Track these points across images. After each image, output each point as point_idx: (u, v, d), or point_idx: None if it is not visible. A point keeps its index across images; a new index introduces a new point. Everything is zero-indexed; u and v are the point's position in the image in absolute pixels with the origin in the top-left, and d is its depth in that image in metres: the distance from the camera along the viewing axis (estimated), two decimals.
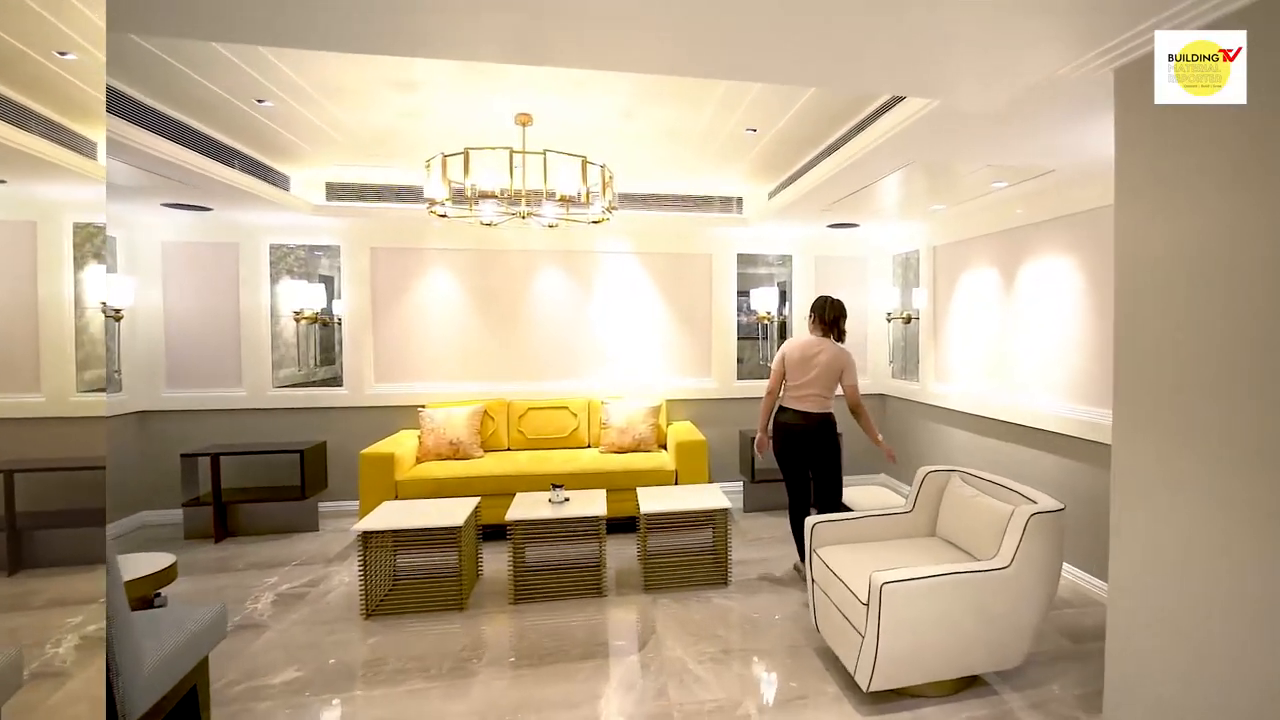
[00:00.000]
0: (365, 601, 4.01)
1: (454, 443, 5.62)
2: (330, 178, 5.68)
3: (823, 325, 4.44)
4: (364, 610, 4.01)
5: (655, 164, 5.18)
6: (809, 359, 4.36)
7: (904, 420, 6.53)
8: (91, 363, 5.51)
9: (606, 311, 6.45)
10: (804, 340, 4.44)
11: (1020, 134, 3.32)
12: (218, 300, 6.00)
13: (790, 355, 4.40)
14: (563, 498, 4.44)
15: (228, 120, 4.23)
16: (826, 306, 4.46)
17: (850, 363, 4.41)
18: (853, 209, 5.25)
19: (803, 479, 4.48)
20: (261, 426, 6.05)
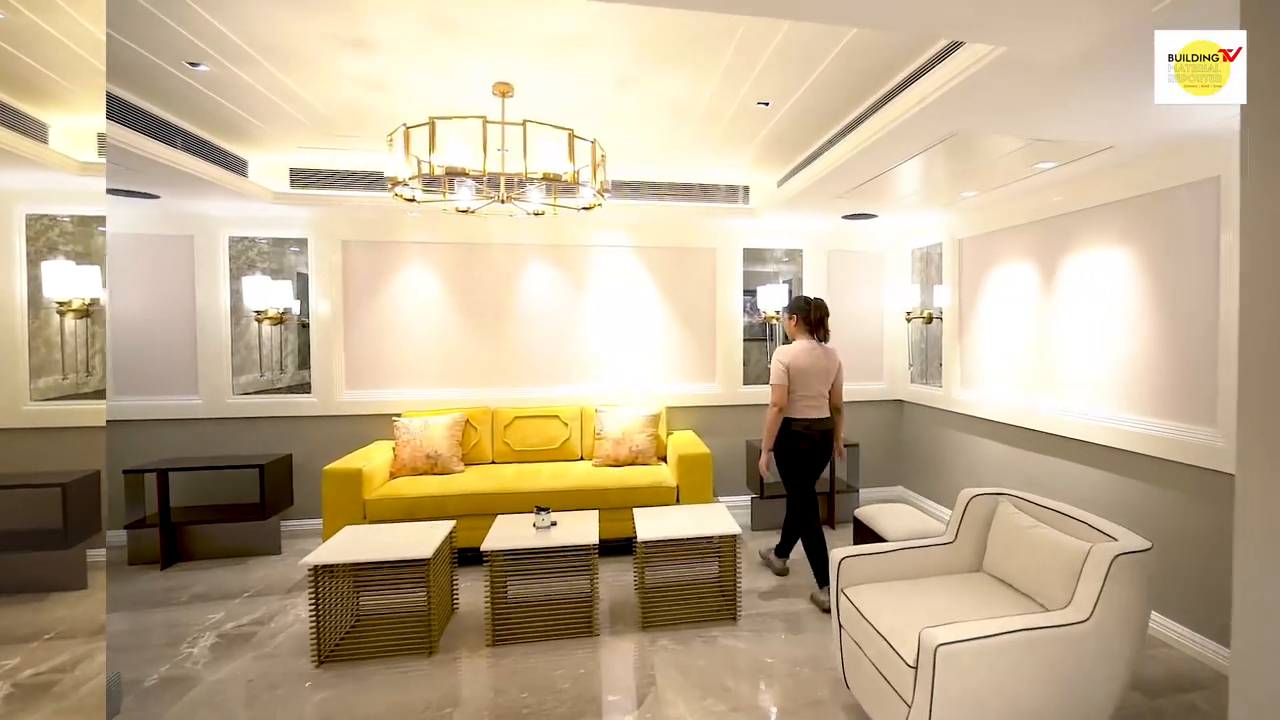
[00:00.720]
0: (317, 647, 3.45)
1: (432, 456, 5.07)
2: (295, 163, 5.14)
3: (808, 326, 4.19)
4: (315, 657, 3.45)
5: (654, 147, 4.63)
6: (819, 366, 4.13)
7: (924, 429, 6.00)
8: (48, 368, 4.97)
9: (601, 311, 5.91)
10: (803, 347, 4.15)
11: (1086, 97, 2.79)
12: (171, 299, 5.44)
13: (798, 364, 4.10)
14: (548, 522, 3.90)
15: (161, 90, 3.69)
16: (812, 307, 4.19)
17: (841, 364, 4.31)
18: (872, 196, 4.71)
19: (813, 492, 4.25)
20: (220, 438, 5.49)
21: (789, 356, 4.10)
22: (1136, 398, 3.83)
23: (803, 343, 4.16)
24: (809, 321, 4.18)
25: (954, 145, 3.51)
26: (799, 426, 4.09)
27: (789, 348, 4.16)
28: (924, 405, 5.99)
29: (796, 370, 4.07)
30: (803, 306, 4.20)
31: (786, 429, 4.10)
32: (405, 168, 3.25)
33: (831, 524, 5.54)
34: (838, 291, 6.22)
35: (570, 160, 3.25)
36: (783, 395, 4.05)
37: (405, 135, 3.23)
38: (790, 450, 4.12)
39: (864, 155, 3.73)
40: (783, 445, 4.13)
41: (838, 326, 6.20)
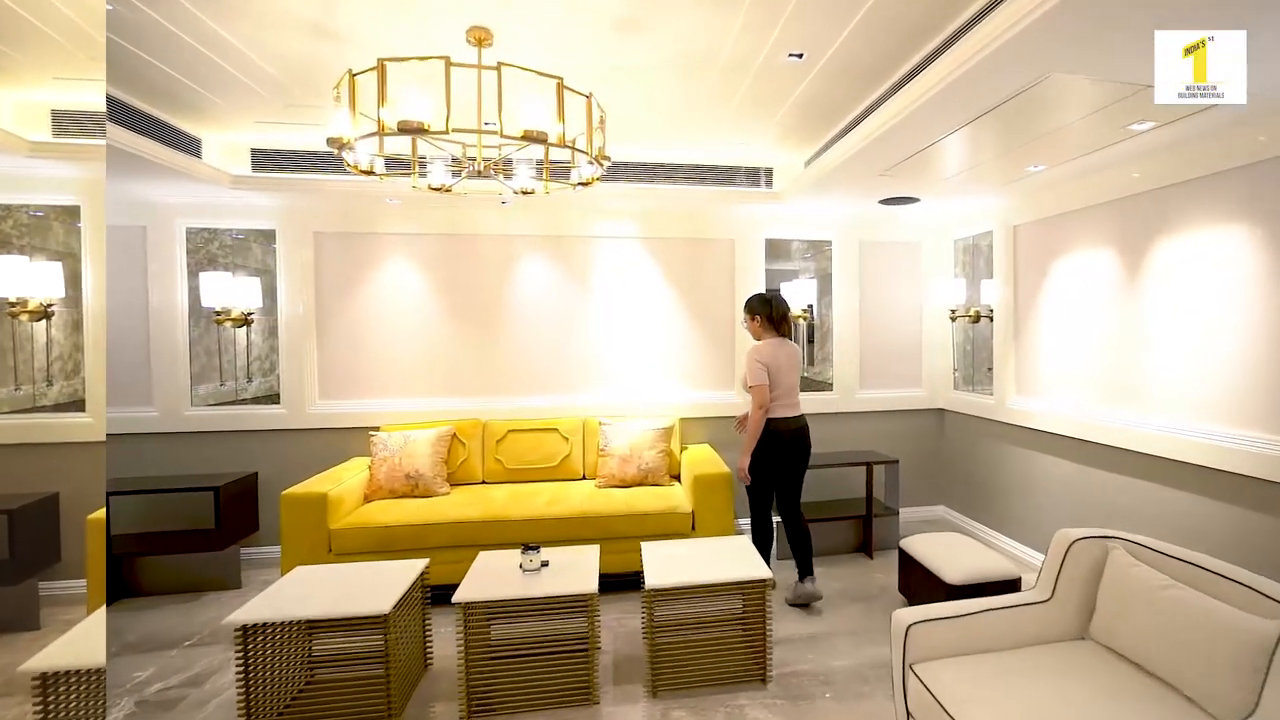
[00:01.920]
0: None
1: (412, 476, 4.39)
2: (256, 143, 4.47)
3: (772, 324, 4.04)
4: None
5: (664, 116, 3.92)
6: (791, 363, 4.01)
7: (970, 442, 5.26)
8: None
9: (606, 310, 5.20)
10: (774, 343, 3.99)
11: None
12: (120, 298, 4.78)
13: (777, 363, 3.95)
14: (538, 563, 3.19)
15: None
16: (773, 304, 4.05)
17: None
18: (918, 173, 3.98)
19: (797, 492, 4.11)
20: (178, 455, 4.82)
21: (766, 355, 3.93)
22: (1252, 410, 3.09)
23: (771, 340, 3.99)
24: (772, 319, 4.03)
25: (1027, 103, 2.79)
26: (779, 425, 3.94)
27: (763, 346, 3.96)
28: (970, 415, 5.25)
29: (775, 369, 3.92)
30: (763, 304, 4.04)
31: (769, 428, 3.93)
32: (349, 125, 2.56)
33: (869, 551, 4.81)
34: (871, 287, 5.49)
35: (559, 119, 2.54)
36: (765, 395, 3.89)
37: (350, 85, 2.53)
38: (770, 449, 3.94)
39: (917, 117, 3.02)
40: (764, 443, 3.94)
41: (871, 326, 5.51)
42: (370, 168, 2.91)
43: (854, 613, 3.89)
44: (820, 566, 4.58)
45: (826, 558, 4.78)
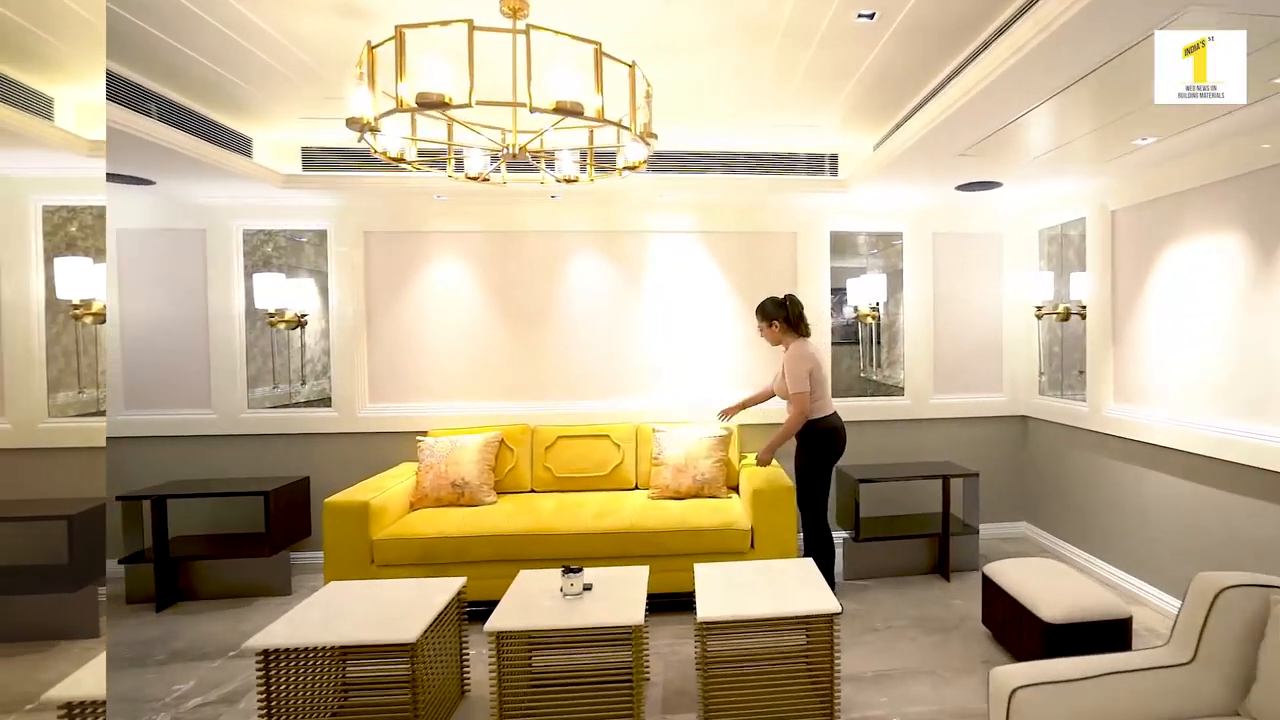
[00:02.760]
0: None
1: (458, 484, 4.07)
2: (306, 141, 4.26)
3: (792, 326, 3.86)
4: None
5: (718, 100, 3.51)
6: (822, 359, 3.96)
7: (1058, 453, 4.63)
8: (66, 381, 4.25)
9: (660, 310, 4.79)
10: (806, 344, 3.84)
11: None
12: (182, 301, 4.64)
13: (819, 363, 3.83)
14: (579, 587, 2.81)
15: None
16: (789, 306, 3.87)
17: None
18: (1001, 153, 3.43)
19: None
20: (234, 457, 4.65)
21: (811, 360, 3.76)
22: None
23: (800, 342, 3.82)
24: (790, 320, 3.84)
25: (1139, 59, 2.26)
26: (834, 422, 3.81)
27: (803, 350, 3.77)
28: (1058, 423, 4.62)
29: (817, 372, 3.77)
30: (778, 307, 3.86)
31: (823, 428, 3.77)
32: (369, 104, 2.23)
33: (945, 573, 4.25)
34: (946, 283, 4.92)
35: (597, 90, 2.15)
36: (808, 404, 3.72)
37: (369, 58, 2.20)
38: (831, 450, 3.79)
39: (1005, 83, 2.52)
40: (822, 445, 3.77)
41: (946, 325, 4.95)
42: (401, 155, 2.60)
43: (931, 647, 3.37)
44: (890, 589, 4.07)
45: (897, 579, 4.25)
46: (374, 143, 2.52)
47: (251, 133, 4.13)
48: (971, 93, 2.65)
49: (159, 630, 3.78)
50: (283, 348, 4.82)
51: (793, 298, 3.88)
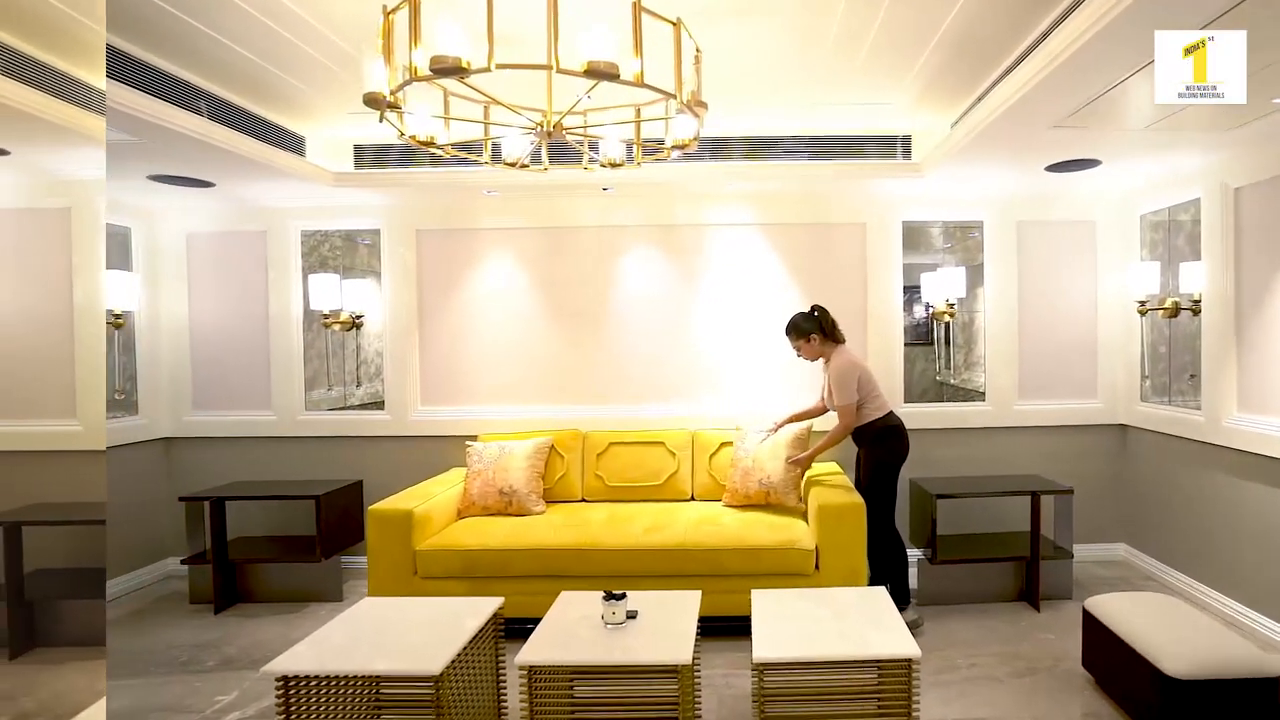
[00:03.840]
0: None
1: (506, 492, 3.77)
2: (358, 138, 4.06)
3: (828, 335, 3.61)
4: None
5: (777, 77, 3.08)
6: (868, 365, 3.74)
7: (1167, 468, 3.98)
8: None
9: (717, 309, 4.37)
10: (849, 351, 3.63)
11: None
12: (245, 302, 4.54)
13: (865, 367, 3.61)
14: (622, 615, 2.44)
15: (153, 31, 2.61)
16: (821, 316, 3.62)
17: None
18: (1102, 124, 2.87)
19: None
20: (293, 459, 4.51)
21: (860, 368, 3.54)
22: None
23: (842, 349, 3.60)
24: (825, 331, 3.59)
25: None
26: (894, 423, 3.54)
27: (847, 358, 3.54)
28: (1165, 434, 3.96)
29: (865, 377, 3.53)
30: (809, 320, 3.60)
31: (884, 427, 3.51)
32: (384, 78, 1.93)
33: (1034, 602, 3.66)
34: (1032, 276, 4.33)
35: (635, 52, 1.77)
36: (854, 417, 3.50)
37: (385, 28, 1.90)
38: (897, 450, 3.52)
39: (1112, 35, 2.03)
40: (888, 446, 3.51)
41: (1032, 323, 4.36)
42: (431, 139, 2.30)
43: (1022, 691, 2.85)
44: (971, 619, 3.55)
45: (978, 606, 3.70)
46: (399, 124, 2.23)
47: (304, 131, 3.97)
48: (1077, 42, 2.14)
49: (214, 634, 3.64)
50: (338, 349, 4.66)
51: (821, 308, 3.64)
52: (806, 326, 3.57)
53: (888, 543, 3.49)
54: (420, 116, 2.29)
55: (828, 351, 3.59)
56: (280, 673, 2.24)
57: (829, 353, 3.58)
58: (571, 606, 2.63)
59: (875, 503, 3.45)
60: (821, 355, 3.62)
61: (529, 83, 2.12)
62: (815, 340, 3.56)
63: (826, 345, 3.59)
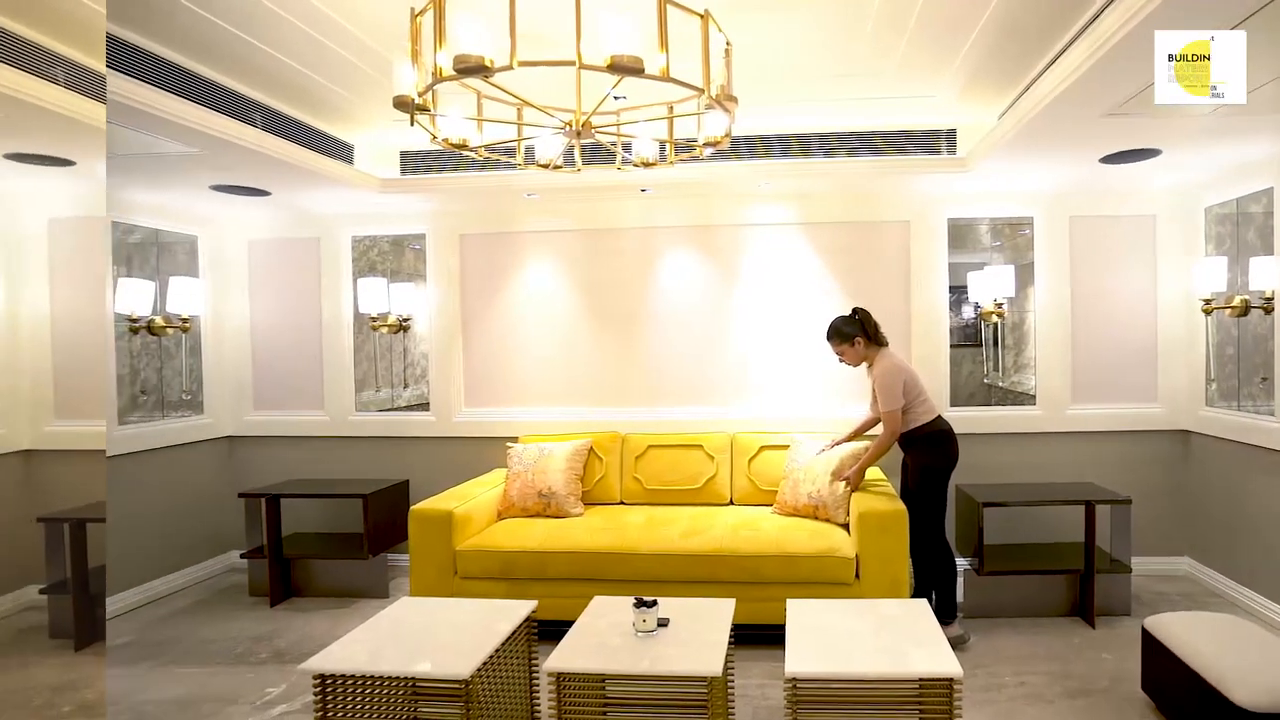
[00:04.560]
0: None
1: (545, 494, 3.71)
2: (405, 145, 4.08)
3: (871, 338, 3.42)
4: None
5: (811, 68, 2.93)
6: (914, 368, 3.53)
7: (1236, 477, 3.65)
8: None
9: (757, 310, 4.22)
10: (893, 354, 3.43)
11: None
12: (300, 307, 4.60)
13: (911, 370, 3.41)
14: (653, 623, 2.33)
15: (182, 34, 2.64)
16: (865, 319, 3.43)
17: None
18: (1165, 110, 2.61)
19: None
20: (343, 458, 4.55)
21: (906, 371, 3.33)
22: None
23: (886, 352, 3.41)
24: (867, 333, 3.40)
25: None
26: (943, 427, 3.33)
27: (891, 361, 3.34)
28: (1233, 441, 3.64)
29: (911, 380, 3.31)
30: (851, 324, 3.41)
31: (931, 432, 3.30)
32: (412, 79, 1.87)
33: (1089, 618, 3.39)
34: (1086, 274, 4.05)
35: (661, 46, 1.67)
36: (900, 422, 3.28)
37: (413, 28, 1.84)
38: (947, 456, 3.31)
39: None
40: (936, 452, 3.30)
41: (1086, 323, 4.08)
42: (464, 141, 2.23)
43: (1074, 713, 2.63)
44: (1021, 634, 3.31)
45: (1028, 620, 3.45)
46: (431, 127, 2.18)
47: (353, 139, 4.01)
48: (1133, 20, 1.93)
49: (268, 626, 3.69)
50: (386, 352, 4.68)
51: (863, 311, 3.44)
52: (849, 331, 3.39)
53: (936, 552, 3.29)
54: (452, 119, 2.23)
55: (871, 356, 3.40)
56: (317, 671, 2.21)
57: (873, 357, 3.40)
58: (602, 613, 2.53)
59: (923, 511, 3.26)
60: (865, 360, 3.43)
61: (559, 83, 2.03)
62: (859, 344, 3.38)
63: (870, 349, 3.40)
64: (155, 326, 4.05)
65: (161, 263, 4.23)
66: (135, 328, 3.96)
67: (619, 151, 2.54)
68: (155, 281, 4.10)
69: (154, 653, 3.37)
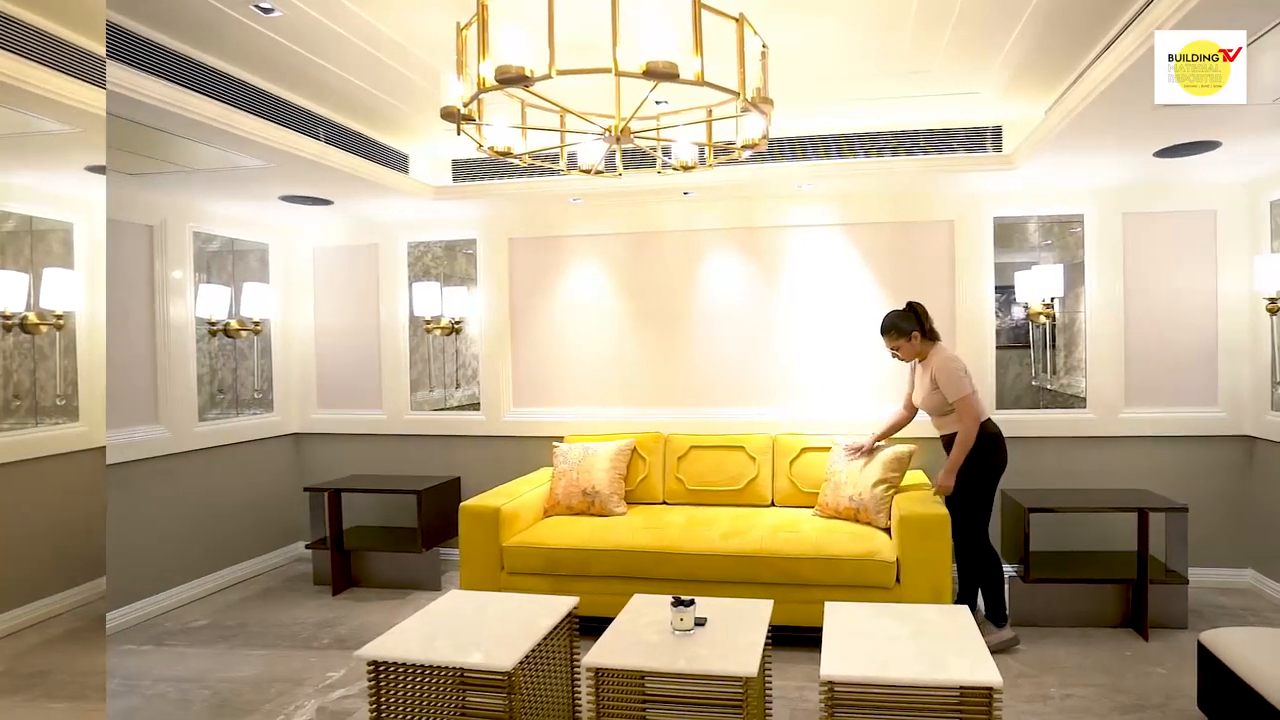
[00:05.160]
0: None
1: (589, 493, 3.72)
2: (458, 154, 4.17)
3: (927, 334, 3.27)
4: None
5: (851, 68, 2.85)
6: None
7: None
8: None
9: (799, 311, 4.15)
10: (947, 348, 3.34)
11: None
12: (360, 310, 4.74)
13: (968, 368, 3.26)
14: (690, 622, 2.30)
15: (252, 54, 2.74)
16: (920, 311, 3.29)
17: None
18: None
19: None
20: (400, 455, 4.67)
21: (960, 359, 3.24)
22: None
23: (942, 345, 3.30)
24: (925, 329, 3.26)
25: None
26: (993, 429, 3.19)
27: (946, 351, 3.28)
28: None
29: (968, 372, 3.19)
30: (907, 319, 3.26)
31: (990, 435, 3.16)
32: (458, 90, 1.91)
33: (1142, 630, 3.19)
34: (1140, 273, 3.84)
35: (696, 51, 1.65)
36: (980, 407, 3.16)
37: (459, 41, 1.88)
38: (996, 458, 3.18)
39: None
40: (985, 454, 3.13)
41: (1140, 323, 3.87)
42: (508, 149, 2.25)
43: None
44: (1069, 644, 3.15)
45: (1077, 631, 3.28)
46: (477, 136, 2.21)
47: (408, 149, 4.10)
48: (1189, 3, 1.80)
49: (330, 614, 3.81)
50: (439, 353, 4.77)
51: (919, 305, 3.31)
52: (906, 325, 3.24)
53: (981, 556, 3.17)
54: (498, 128, 2.26)
55: (926, 350, 3.26)
56: (369, 658, 2.27)
57: (927, 351, 3.26)
58: (642, 610, 2.53)
59: (969, 516, 3.13)
60: (920, 355, 3.29)
61: (601, 89, 2.04)
62: (916, 339, 3.24)
63: (925, 344, 3.26)
64: (231, 329, 4.24)
65: (237, 270, 4.42)
66: (214, 331, 4.16)
67: (658, 156, 2.53)
68: (231, 287, 4.29)
69: (228, 635, 3.53)
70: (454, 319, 4.56)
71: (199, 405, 4.08)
